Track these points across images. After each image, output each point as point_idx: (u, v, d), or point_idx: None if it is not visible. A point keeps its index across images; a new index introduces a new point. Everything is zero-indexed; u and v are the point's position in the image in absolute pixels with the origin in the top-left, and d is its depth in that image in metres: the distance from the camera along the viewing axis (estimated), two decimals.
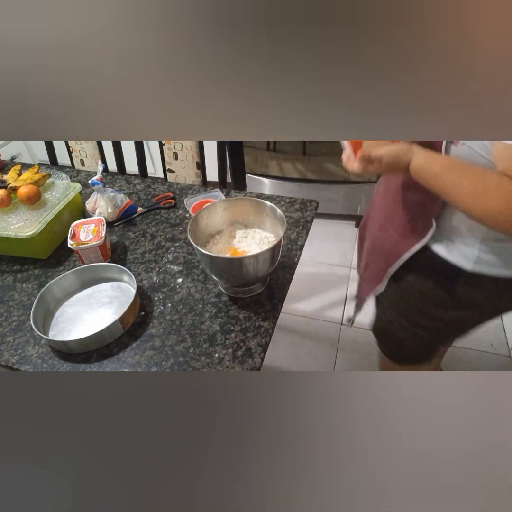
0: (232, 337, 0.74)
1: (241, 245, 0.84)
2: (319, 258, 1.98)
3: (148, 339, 0.75)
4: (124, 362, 0.72)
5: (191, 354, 0.72)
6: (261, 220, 0.85)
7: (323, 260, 1.97)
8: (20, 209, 0.95)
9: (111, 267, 0.85)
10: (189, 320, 0.78)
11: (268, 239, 0.83)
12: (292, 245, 0.94)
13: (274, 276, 0.85)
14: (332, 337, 1.62)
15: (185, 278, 0.88)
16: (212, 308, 0.80)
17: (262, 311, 0.79)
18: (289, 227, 0.99)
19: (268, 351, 0.73)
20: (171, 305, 0.81)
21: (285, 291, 0.83)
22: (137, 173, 1.36)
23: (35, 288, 0.88)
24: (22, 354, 0.74)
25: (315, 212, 1.04)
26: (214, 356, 0.71)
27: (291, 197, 1.09)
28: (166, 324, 0.78)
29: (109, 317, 0.79)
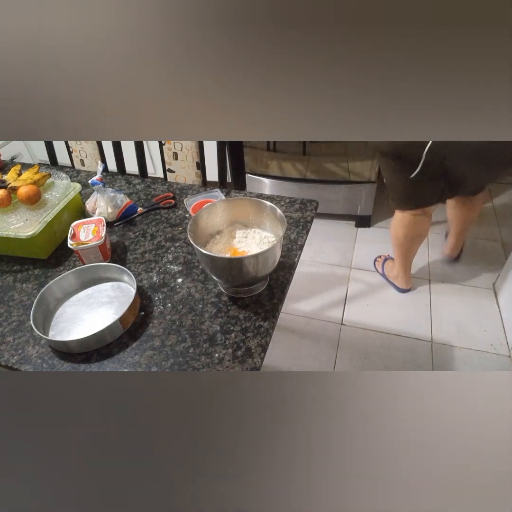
0: (232, 337, 0.74)
1: (241, 245, 0.84)
2: (319, 258, 1.99)
3: (148, 339, 0.75)
4: (124, 362, 0.72)
5: (191, 354, 0.72)
6: (261, 220, 0.85)
7: (323, 260, 1.97)
8: (20, 209, 0.95)
9: (111, 267, 0.85)
10: (189, 320, 0.78)
11: (268, 239, 0.83)
12: (292, 245, 0.94)
13: (274, 276, 0.85)
14: (332, 337, 1.62)
15: (185, 278, 0.88)
16: (212, 308, 0.80)
17: (262, 311, 0.79)
18: (289, 227, 0.99)
19: (268, 351, 0.73)
20: (171, 305, 0.81)
21: (285, 291, 0.83)
22: (137, 173, 1.36)
23: (35, 288, 0.88)
24: (22, 354, 0.74)
25: (315, 212, 1.04)
26: (214, 356, 0.71)
27: (291, 197, 1.09)
28: (166, 324, 0.78)
29: (109, 317, 0.79)
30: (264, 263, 0.74)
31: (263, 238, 0.84)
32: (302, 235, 0.97)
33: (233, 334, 0.75)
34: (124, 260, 0.94)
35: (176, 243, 0.98)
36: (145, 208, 1.10)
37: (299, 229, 0.98)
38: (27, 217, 0.93)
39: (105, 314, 0.80)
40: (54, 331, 0.78)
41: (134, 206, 1.08)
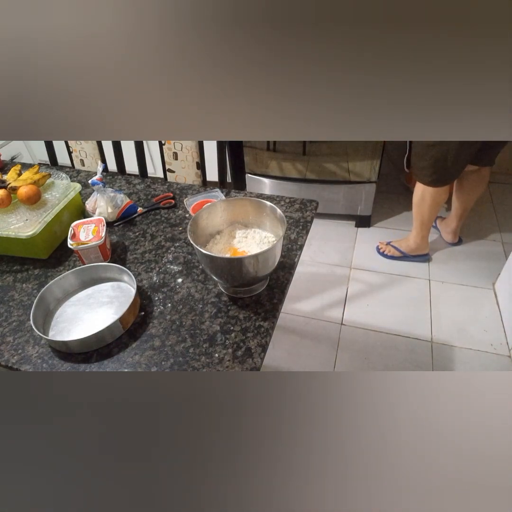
0: (232, 337, 0.74)
1: (241, 245, 0.84)
2: (319, 258, 1.99)
3: (148, 339, 0.75)
4: (124, 362, 0.72)
5: (191, 354, 0.72)
6: (261, 220, 0.85)
7: (323, 260, 1.97)
8: (20, 209, 0.95)
9: (111, 267, 0.85)
10: (189, 320, 0.78)
11: (268, 239, 0.83)
12: (292, 245, 0.94)
13: (274, 276, 0.85)
14: (332, 337, 1.62)
15: (185, 278, 0.88)
16: (212, 308, 0.80)
17: (262, 311, 0.79)
18: (289, 227, 0.99)
19: (268, 351, 0.73)
20: (171, 305, 0.81)
21: (285, 291, 0.83)
22: (137, 173, 1.36)
23: (35, 288, 0.88)
24: (22, 354, 0.74)
25: (315, 212, 1.04)
26: (214, 356, 0.71)
27: (291, 197, 1.09)
28: (166, 324, 0.78)
29: (109, 317, 0.79)
30: (264, 263, 0.74)
31: (263, 238, 0.84)
32: (302, 235, 0.97)
33: (233, 334, 0.75)
34: (124, 260, 0.94)
35: (176, 243, 0.98)
36: (145, 208, 1.10)
37: (299, 229, 0.98)
38: (27, 217, 0.93)
39: (105, 314, 0.80)
40: (54, 331, 0.78)
41: (134, 206, 1.08)
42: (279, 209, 0.79)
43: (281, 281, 0.85)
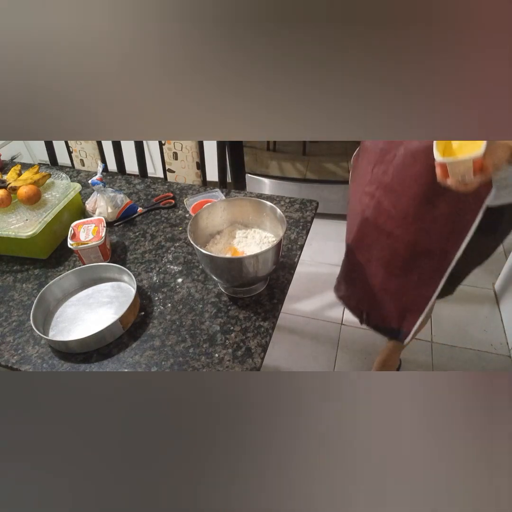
0: (232, 337, 0.74)
1: (241, 245, 0.84)
2: (319, 258, 1.98)
3: (148, 339, 0.75)
4: (124, 362, 0.72)
5: (191, 354, 0.72)
6: (261, 220, 0.85)
7: (323, 260, 1.97)
8: (20, 209, 0.95)
9: (111, 267, 0.85)
10: (189, 320, 0.78)
11: (268, 239, 0.83)
12: (292, 245, 0.94)
13: (274, 276, 0.85)
14: (332, 337, 1.62)
15: (185, 278, 0.88)
16: (212, 308, 0.80)
17: (262, 311, 0.79)
18: (289, 227, 0.99)
19: (268, 351, 0.73)
20: (171, 305, 0.81)
21: (285, 291, 0.83)
22: (137, 173, 1.36)
23: (35, 288, 0.88)
24: (22, 354, 0.74)
25: (315, 212, 1.04)
26: (214, 356, 0.71)
27: (291, 197, 1.09)
28: (166, 324, 0.78)
29: (109, 317, 0.79)
30: (264, 263, 0.74)
31: (263, 238, 0.84)
32: (302, 235, 0.97)
33: (233, 334, 0.75)
34: (124, 260, 0.94)
35: (176, 243, 0.98)
36: (145, 208, 1.10)
37: (299, 229, 0.98)
38: (27, 217, 0.93)
39: (105, 314, 0.80)
40: (54, 331, 0.78)
41: (134, 206, 1.08)
42: (279, 209, 0.79)
43: (281, 281, 0.85)
